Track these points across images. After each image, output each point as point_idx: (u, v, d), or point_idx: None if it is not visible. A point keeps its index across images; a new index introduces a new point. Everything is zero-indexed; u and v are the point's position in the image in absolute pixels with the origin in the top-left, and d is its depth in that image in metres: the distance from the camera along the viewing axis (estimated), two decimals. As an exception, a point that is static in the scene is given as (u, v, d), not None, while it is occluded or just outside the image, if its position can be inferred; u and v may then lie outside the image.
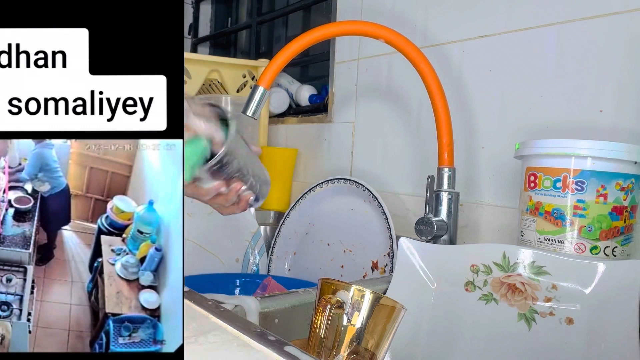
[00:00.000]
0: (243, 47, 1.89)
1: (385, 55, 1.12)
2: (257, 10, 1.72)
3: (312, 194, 1.08)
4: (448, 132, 0.85)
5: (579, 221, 0.67)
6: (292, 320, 0.68)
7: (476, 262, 0.71)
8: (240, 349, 0.41)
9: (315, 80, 1.49)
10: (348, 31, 0.93)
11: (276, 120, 1.44)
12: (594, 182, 0.67)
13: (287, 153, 1.35)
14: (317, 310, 0.48)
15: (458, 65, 0.98)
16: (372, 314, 0.48)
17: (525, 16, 0.87)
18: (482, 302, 0.70)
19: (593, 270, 0.63)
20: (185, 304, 0.51)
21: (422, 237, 0.82)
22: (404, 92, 1.09)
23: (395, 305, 0.49)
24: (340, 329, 0.48)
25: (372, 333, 0.48)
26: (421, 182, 1.02)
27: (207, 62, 1.34)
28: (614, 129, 0.77)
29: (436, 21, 1.02)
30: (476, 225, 0.94)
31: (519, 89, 0.89)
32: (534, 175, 0.71)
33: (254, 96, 0.87)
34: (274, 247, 1.14)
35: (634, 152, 0.66)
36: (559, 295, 0.65)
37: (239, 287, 1.01)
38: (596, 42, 0.79)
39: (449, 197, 0.85)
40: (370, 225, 0.99)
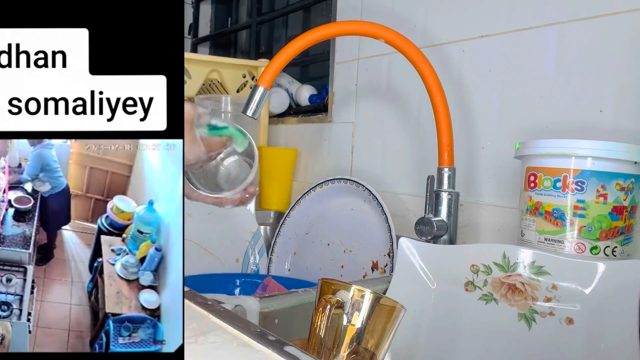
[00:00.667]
0: (243, 47, 1.89)
1: (385, 55, 1.12)
2: (257, 10, 1.72)
3: (312, 194, 1.08)
4: (448, 132, 0.85)
5: (579, 221, 0.67)
6: (292, 320, 0.68)
7: (476, 262, 0.71)
8: (240, 349, 0.41)
9: (315, 80, 1.49)
10: (348, 31, 0.93)
11: (276, 120, 1.44)
12: (594, 182, 0.67)
13: (287, 153, 1.35)
14: (317, 310, 0.48)
15: (458, 65, 0.98)
16: (372, 314, 0.48)
17: (525, 16, 0.87)
18: (482, 302, 0.70)
19: (593, 270, 0.63)
20: (185, 304, 0.51)
21: (422, 237, 0.82)
22: (404, 92, 1.09)
23: (395, 305, 0.49)
24: (340, 329, 0.48)
25: (372, 333, 0.48)
26: (421, 182, 1.02)
27: (207, 62, 1.34)
28: (614, 129, 0.77)
29: (436, 21, 1.02)
30: (476, 225, 0.94)
31: (519, 89, 0.89)
32: (534, 175, 0.71)
33: (254, 96, 0.87)
34: (274, 247, 1.14)
35: (634, 152, 0.66)
36: (559, 295, 0.65)
37: (239, 287, 1.01)
38: (596, 42, 0.79)
39: (449, 197, 0.85)
40: (370, 225, 0.99)
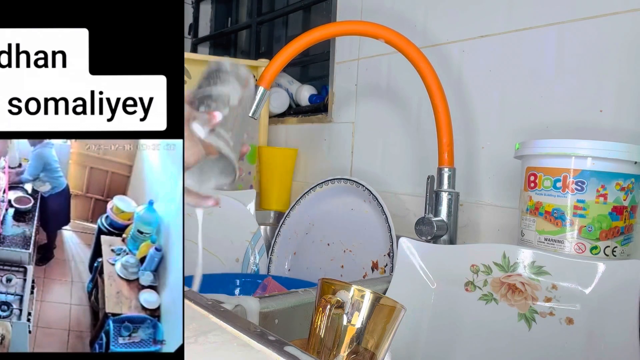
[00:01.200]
0: (243, 47, 1.89)
1: (385, 55, 1.12)
2: (257, 10, 1.72)
3: (312, 194, 1.08)
4: (448, 132, 0.85)
5: (579, 221, 0.67)
6: (292, 320, 0.68)
7: (476, 262, 0.71)
8: (240, 349, 0.41)
9: (315, 80, 1.49)
10: (348, 31, 0.93)
11: (276, 120, 1.44)
12: (594, 182, 0.67)
13: (287, 153, 1.35)
14: (317, 310, 0.48)
15: (458, 65, 0.98)
16: (372, 314, 0.48)
17: (525, 16, 0.87)
18: (482, 302, 0.70)
19: (593, 270, 0.63)
20: (185, 304, 0.51)
21: (422, 237, 0.82)
22: (404, 92, 1.09)
23: (395, 305, 0.49)
24: (340, 329, 0.48)
25: (372, 333, 0.48)
26: (421, 182, 1.02)
27: (207, 62, 1.34)
28: (614, 129, 0.77)
29: (436, 21, 1.02)
30: (476, 225, 0.94)
31: (519, 89, 0.89)
32: (534, 175, 0.71)
33: (254, 96, 0.87)
34: (274, 247, 1.14)
35: (634, 152, 0.66)
36: (559, 295, 0.65)
37: (239, 287, 1.01)
38: (596, 42, 0.79)
39: (449, 197, 0.85)
40: (370, 225, 0.99)
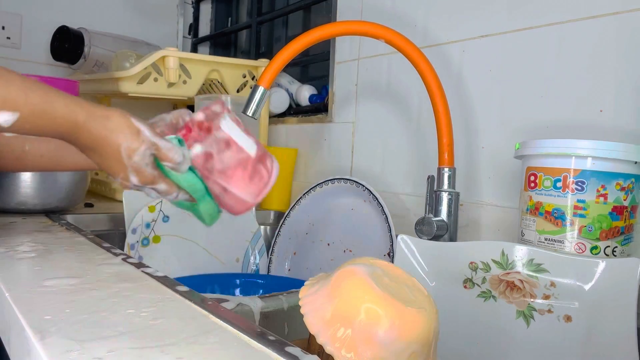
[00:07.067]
0: (243, 47, 1.89)
1: (385, 55, 1.12)
2: (257, 10, 1.72)
3: (312, 194, 1.08)
4: (448, 132, 0.85)
5: (579, 221, 0.67)
6: (292, 320, 0.68)
7: (475, 259, 0.71)
8: (240, 349, 0.41)
9: (315, 80, 1.49)
10: (348, 31, 0.93)
11: (276, 120, 1.44)
12: (594, 182, 0.67)
13: (287, 153, 1.35)
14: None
15: (458, 65, 0.98)
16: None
17: (525, 16, 0.87)
18: (480, 299, 0.70)
19: (591, 267, 0.63)
20: (185, 304, 0.51)
21: (422, 237, 0.82)
22: (404, 92, 1.09)
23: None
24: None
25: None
26: (421, 182, 1.02)
27: (207, 62, 1.34)
28: (614, 129, 0.77)
29: (436, 21, 1.02)
30: (476, 225, 0.94)
31: (519, 89, 0.89)
32: (534, 175, 0.71)
33: (254, 96, 0.87)
34: (274, 247, 1.14)
35: (634, 152, 0.66)
36: (557, 292, 0.65)
37: (239, 287, 1.01)
38: (596, 42, 0.79)
39: (449, 197, 0.85)
40: (370, 225, 0.98)
